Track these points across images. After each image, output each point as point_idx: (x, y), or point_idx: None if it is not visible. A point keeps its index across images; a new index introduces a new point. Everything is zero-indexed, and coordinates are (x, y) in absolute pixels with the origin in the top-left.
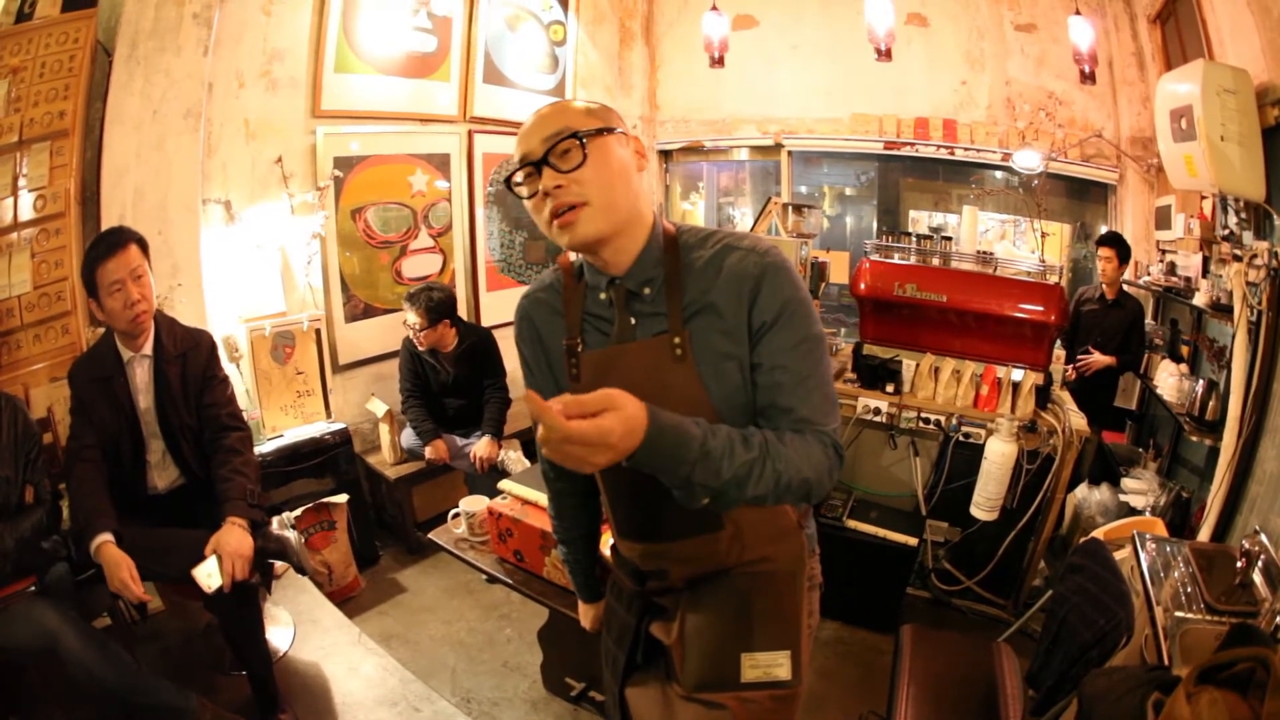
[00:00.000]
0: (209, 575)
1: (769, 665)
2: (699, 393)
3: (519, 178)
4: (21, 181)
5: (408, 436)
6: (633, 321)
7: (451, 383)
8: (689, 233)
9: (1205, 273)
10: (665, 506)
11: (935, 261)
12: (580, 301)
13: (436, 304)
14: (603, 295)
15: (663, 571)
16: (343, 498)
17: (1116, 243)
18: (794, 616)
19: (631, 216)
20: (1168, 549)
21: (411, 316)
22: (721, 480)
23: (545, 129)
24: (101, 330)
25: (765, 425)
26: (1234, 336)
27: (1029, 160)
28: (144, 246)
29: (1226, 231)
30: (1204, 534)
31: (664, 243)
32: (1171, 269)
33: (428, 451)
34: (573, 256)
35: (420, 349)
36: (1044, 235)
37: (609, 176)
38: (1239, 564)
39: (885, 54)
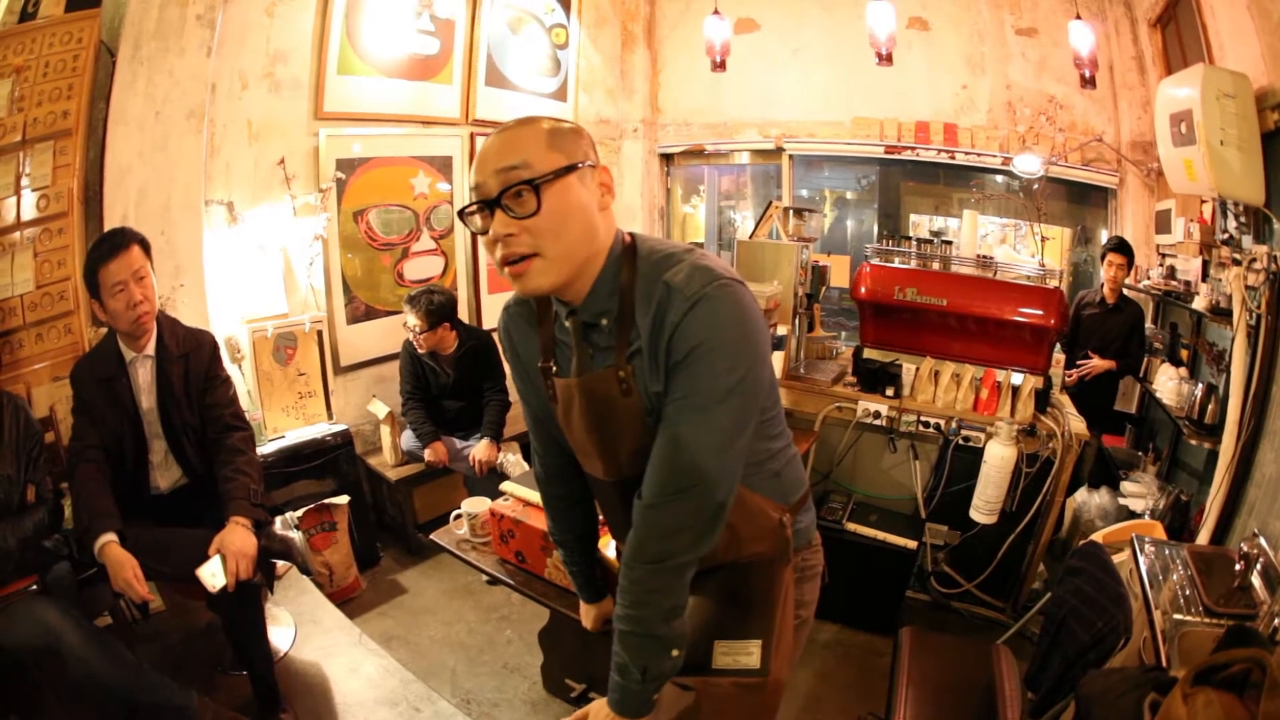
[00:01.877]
0: (213, 575)
1: (739, 653)
2: (643, 427)
3: (472, 209)
4: (25, 181)
5: (407, 439)
6: (591, 353)
7: (451, 385)
8: (649, 257)
9: (1205, 277)
10: None
11: (935, 265)
12: (552, 321)
13: (437, 307)
14: (566, 322)
15: None
16: (344, 499)
17: (1128, 249)
18: (769, 608)
19: (588, 257)
20: (1166, 552)
21: (412, 319)
22: (676, 641)
23: (502, 158)
24: (104, 330)
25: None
26: (1233, 340)
27: (1029, 164)
28: (146, 247)
29: (1226, 235)
30: (1203, 537)
31: (621, 264)
32: (1171, 273)
33: (427, 454)
34: None
35: (420, 351)
36: (1044, 239)
37: (564, 223)
38: (1238, 567)
39: (886, 58)
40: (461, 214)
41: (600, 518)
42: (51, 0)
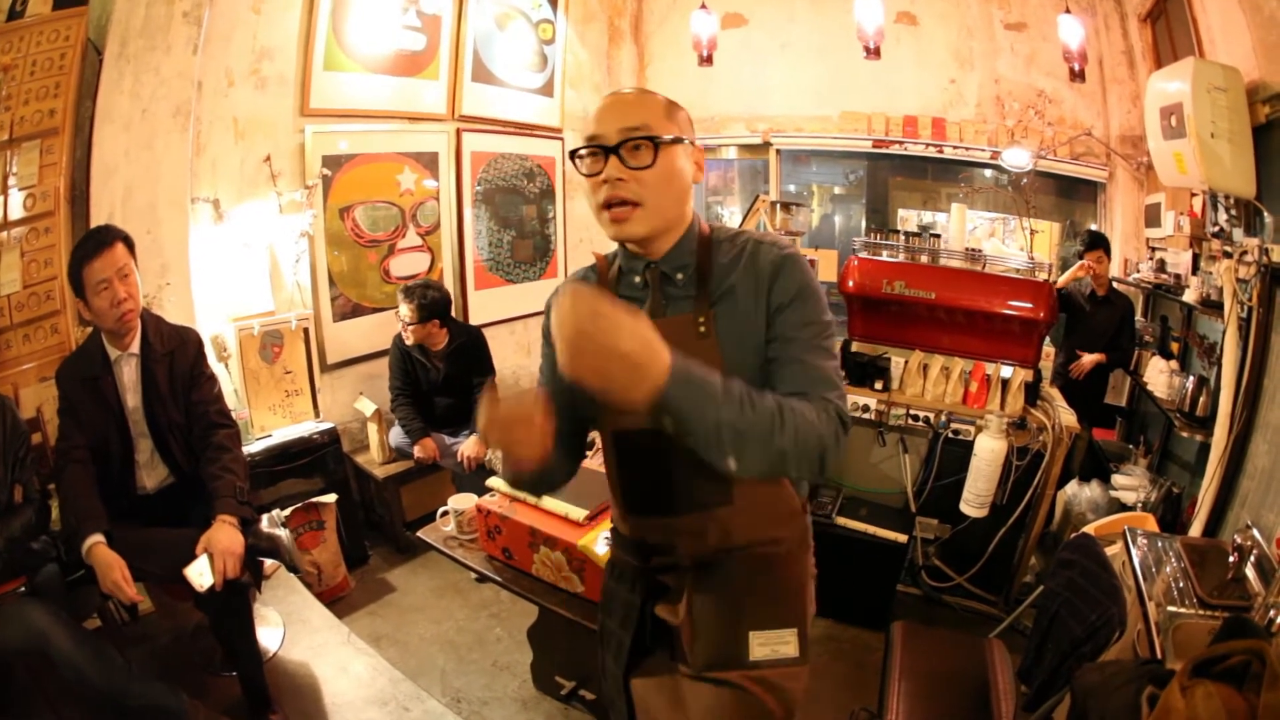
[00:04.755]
0: (200, 574)
1: (776, 643)
2: (718, 369)
3: (583, 153)
4: (11, 180)
5: (396, 435)
6: (664, 302)
7: (441, 381)
8: (720, 231)
9: (1195, 269)
10: (677, 481)
11: (924, 259)
12: (613, 287)
13: (430, 302)
14: (637, 278)
15: (670, 546)
16: (331, 497)
17: (1104, 242)
18: (799, 596)
19: (676, 220)
20: (1159, 544)
21: (404, 309)
22: (747, 421)
23: (626, 118)
24: (90, 330)
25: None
26: (1224, 333)
27: (1018, 158)
28: (130, 245)
29: (1216, 228)
30: (1195, 529)
31: (698, 238)
32: (1161, 266)
33: (416, 450)
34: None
35: (408, 343)
36: (1033, 233)
37: (668, 184)
38: (1231, 559)
39: (874, 52)
40: (573, 155)
41: (591, 511)
42: None
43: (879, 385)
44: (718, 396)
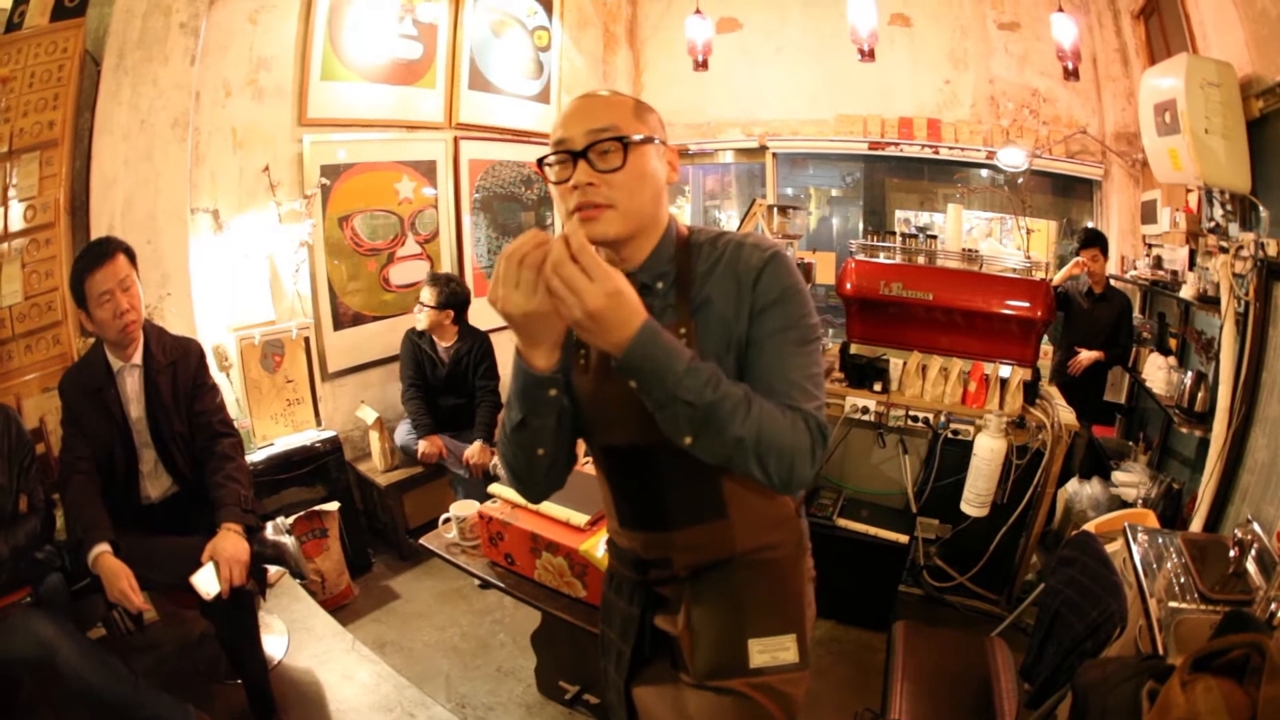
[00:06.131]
0: (207, 582)
1: (776, 649)
2: None
3: (551, 160)
4: (11, 192)
5: (402, 432)
6: None
7: (445, 378)
8: (700, 233)
9: (1192, 265)
10: (670, 495)
11: (921, 260)
12: None
13: (451, 294)
14: None
15: (666, 560)
16: (334, 505)
17: (1100, 240)
18: (796, 600)
19: (650, 223)
20: (1160, 540)
21: (426, 292)
22: (705, 401)
23: (593, 120)
24: (92, 341)
25: None
26: (1221, 328)
27: (1013, 158)
28: (131, 256)
29: (1212, 224)
30: (1196, 524)
31: (677, 242)
32: (1158, 263)
33: (422, 445)
34: None
35: (420, 328)
36: (1029, 232)
37: (640, 185)
38: (1232, 553)
39: (869, 54)
40: (541, 162)
41: (592, 516)
42: (37, 10)
43: (878, 387)
44: (679, 369)
